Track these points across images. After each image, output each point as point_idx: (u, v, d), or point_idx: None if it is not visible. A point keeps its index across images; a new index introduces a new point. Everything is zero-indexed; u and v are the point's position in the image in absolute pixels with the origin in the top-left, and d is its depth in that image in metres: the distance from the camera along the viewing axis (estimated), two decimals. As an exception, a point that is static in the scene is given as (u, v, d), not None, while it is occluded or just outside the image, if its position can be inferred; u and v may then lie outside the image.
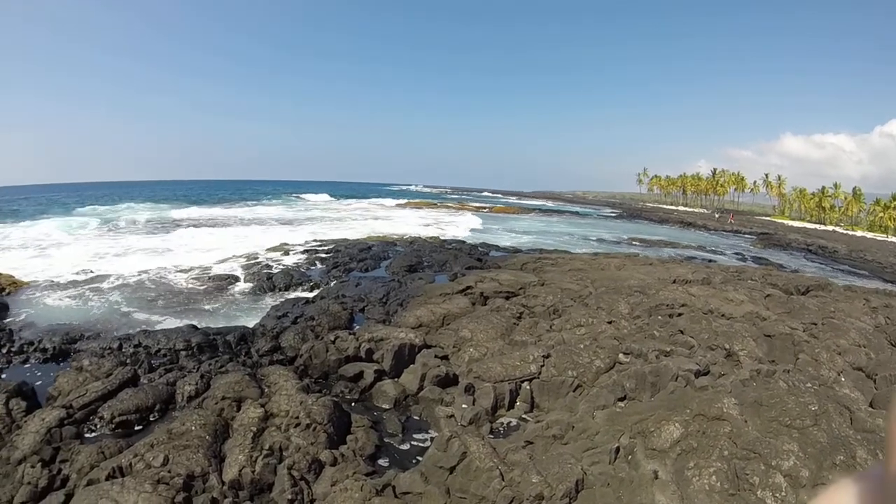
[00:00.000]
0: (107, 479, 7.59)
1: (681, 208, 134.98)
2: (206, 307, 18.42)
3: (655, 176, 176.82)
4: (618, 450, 8.33)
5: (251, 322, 16.57)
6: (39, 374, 12.45)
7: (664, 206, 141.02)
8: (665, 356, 12.11)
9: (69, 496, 7.43)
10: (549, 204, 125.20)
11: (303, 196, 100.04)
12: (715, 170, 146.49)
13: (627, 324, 14.98)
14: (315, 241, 33.86)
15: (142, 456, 8.15)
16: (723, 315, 15.70)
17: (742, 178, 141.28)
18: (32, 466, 7.98)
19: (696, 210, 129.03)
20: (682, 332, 13.98)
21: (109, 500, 6.95)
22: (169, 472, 7.82)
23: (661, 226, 76.83)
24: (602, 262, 25.21)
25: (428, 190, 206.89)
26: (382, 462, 9.58)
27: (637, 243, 46.80)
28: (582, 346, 13.05)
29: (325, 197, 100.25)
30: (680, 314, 15.59)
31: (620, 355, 12.63)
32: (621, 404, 10.61)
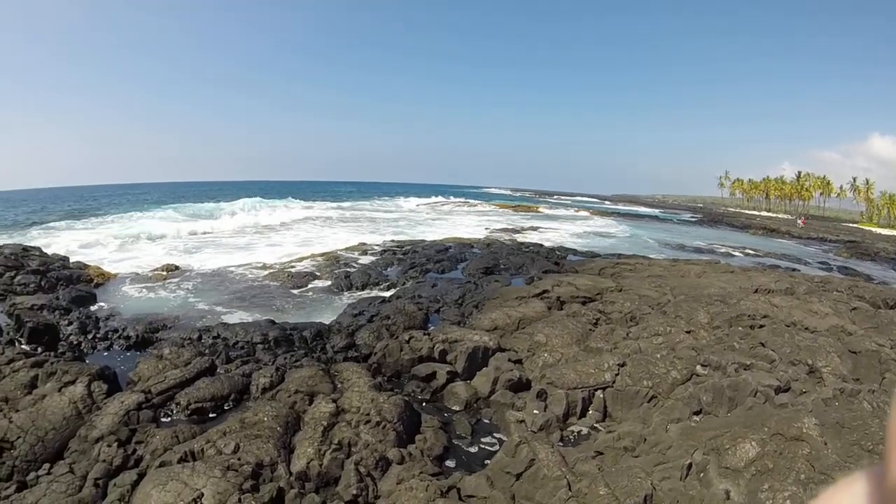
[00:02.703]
0: (178, 462, 7.91)
1: (763, 213, 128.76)
2: (285, 303, 18.92)
3: (738, 179, 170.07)
4: (690, 466, 7.93)
5: (327, 319, 16.92)
6: (122, 359, 13.12)
7: (746, 212, 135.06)
8: (745, 370, 11.49)
9: (141, 475, 7.77)
10: (629, 208, 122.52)
11: (394, 199, 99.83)
12: (800, 173, 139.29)
13: (706, 334, 14.33)
14: (393, 241, 34.32)
15: (214, 442, 8.45)
16: (806, 328, 14.73)
17: (828, 182, 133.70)
18: (109, 445, 8.40)
19: (780, 216, 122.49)
20: (763, 344, 13.23)
21: (179, 481, 7.23)
22: (238, 459, 8.07)
23: (743, 232, 73.53)
24: (682, 269, 24.25)
25: (508, 193, 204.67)
26: (450, 463, 9.54)
27: (718, 249, 44.95)
28: (658, 356, 12.56)
29: (415, 200, 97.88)
30: (762, 326, 14.77)
31: (698, 367, 12.07)
32: (696, 418, 10.13)
